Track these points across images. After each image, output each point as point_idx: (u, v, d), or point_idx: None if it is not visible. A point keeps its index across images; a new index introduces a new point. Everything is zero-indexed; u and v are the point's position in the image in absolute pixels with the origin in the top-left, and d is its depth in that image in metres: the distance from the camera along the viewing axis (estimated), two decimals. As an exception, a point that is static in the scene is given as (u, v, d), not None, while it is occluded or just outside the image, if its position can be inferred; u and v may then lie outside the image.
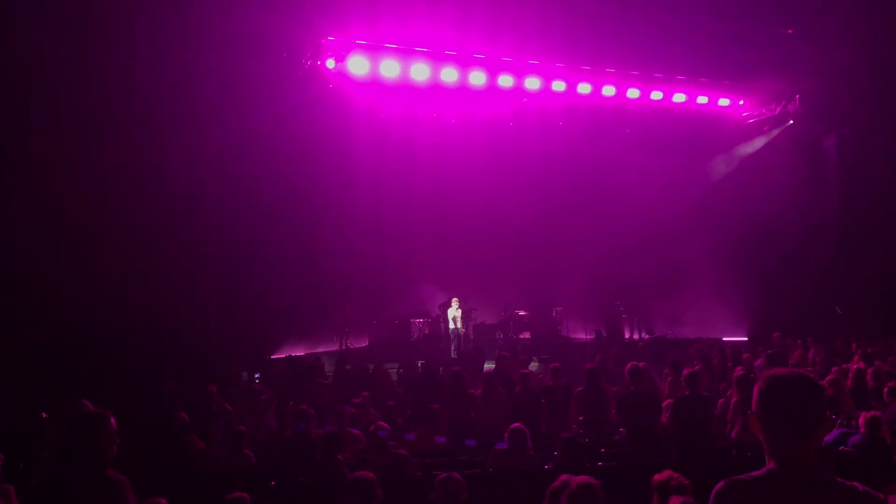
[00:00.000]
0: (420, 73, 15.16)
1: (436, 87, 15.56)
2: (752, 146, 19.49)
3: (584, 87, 16.64)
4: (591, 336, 18.51)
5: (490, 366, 11.82)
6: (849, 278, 17.14)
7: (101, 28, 11.94)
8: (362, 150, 16.84)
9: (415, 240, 18.51)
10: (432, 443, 7.58)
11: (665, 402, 7.94)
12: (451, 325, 17.14)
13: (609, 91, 16.86)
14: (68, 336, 11.56)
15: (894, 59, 15.24)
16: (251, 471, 6.57)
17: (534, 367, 14.09)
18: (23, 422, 7.14)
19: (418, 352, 15.26)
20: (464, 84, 15.65)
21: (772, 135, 18.95)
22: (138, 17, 12.04)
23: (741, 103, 18.85)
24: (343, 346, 17.27)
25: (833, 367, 9.46)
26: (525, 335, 18.84)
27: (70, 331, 11.70)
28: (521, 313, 19.15)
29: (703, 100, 18.07)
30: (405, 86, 15.44)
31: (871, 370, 8.86)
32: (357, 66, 14.83)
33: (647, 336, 18.30)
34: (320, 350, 16.90)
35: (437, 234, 18.62)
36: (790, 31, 15.14)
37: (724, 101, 18.48)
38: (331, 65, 14.54)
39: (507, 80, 15.96)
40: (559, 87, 16.42)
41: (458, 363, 12.68)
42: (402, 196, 18.24)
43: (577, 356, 13.98)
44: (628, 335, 19.15)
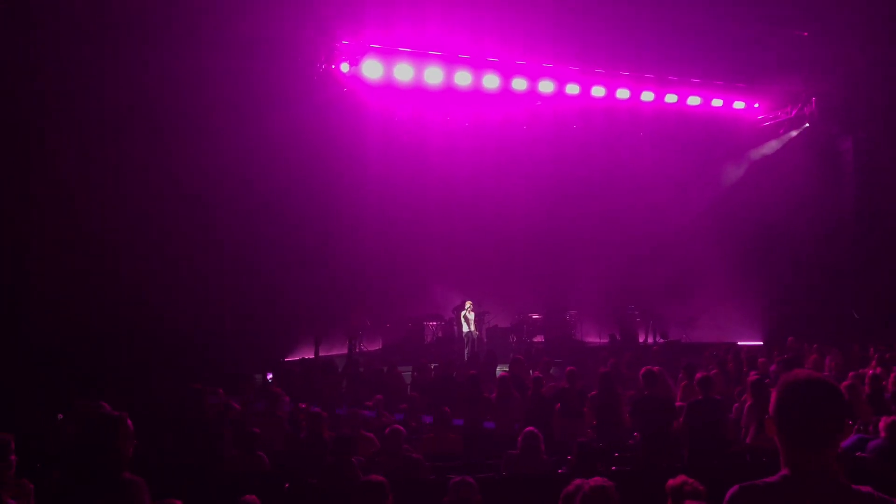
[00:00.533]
0: (434, 76, 15.18)
1: (449, 90, 15.58)
2: (768, 149, 19.37)
3: (598, 91, 16.61)
4: (604, 340, 18.43)
5: (503, 369, 11.81)
6: (866, 282, 16.99)
7: (119, 31, 12.06)
8: (376, 153, 16.88)
9: (428, 243, 18.51)
10: (447, 443, 7.56)
11: (681, 407, 7.91)
12: (464, 329, 17.13)
13: (623, 94, 16.81)
14: (83, 337, 11.66)
15: (911, 61, 15.13)
16: (264, 472, 6.59)
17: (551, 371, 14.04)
18: (39, 422, 7.21)
19: (431, 355, 15.25)
20: (477, 87, 15.66)
21: (787, 137, 18.83)
22: (155, 20, 12.15)
23: (756, 106, 18.73)
24: (356, 350, 17.29)
25: (850, 373, 9.37)
26: (539, 338, 18.80)
27: (85, 332, 11.80)
28: (535, 317, 19.10)
29: (717, 102, 17.98)
30: (419, 89, 15.47)
31: (893, 375, 8.79)
32: (371, 69, 14.88)
33: (662, 340, 18.21)
34: (334, 353, 16.93)
35: (450, 236, 18.62)
36: (805, 33, 15.05)
37: (739, 104, 18.38)
38: (345, 68, 14.61)
39: (520, 84, 15.95)
40: (573, 90, 16.40)
41: (470, 367, 12.67)
42: (416, 199, 18.26)
43: (591, 360, 13.92)
44: (642, 339, 19.05)
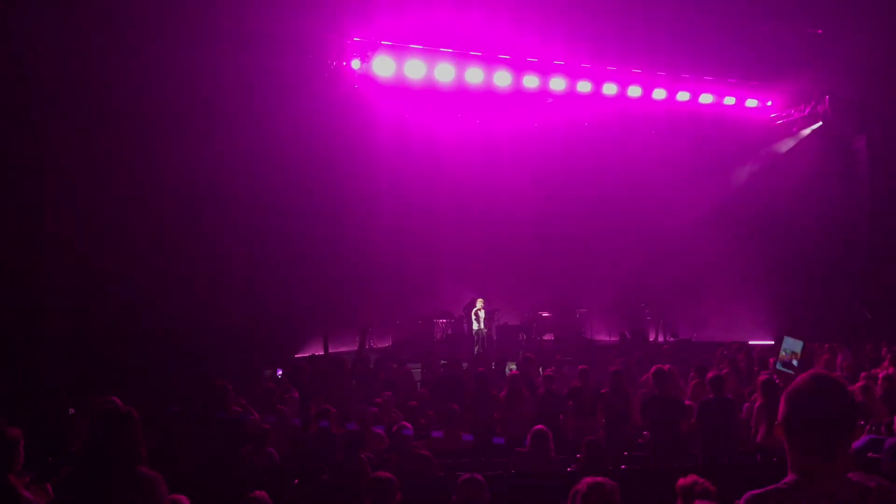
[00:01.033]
0: (445, 73, 15.17)
1: (461, 87, 15.57)
2: (781, 147, 19.24)
3: (610, 88, 16.55)
4: (615, 338, 18.38)
5: (512, 367, 11.81)
6: (878, 281, 16.87)
7: (128, 27, 12.10)
8: (387, 150, 16.88)
9: (438, 240, 18.50)
10: (457, 442, 7.58)
11: (691, 406, 7.89)
12: (474, 326, 17.12)
13: (635, 92, 16.75)
14: (95, 333, 11.73)
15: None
16: (274, 468, 6.62)
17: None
18: (52, 417, 7.26)
19: (441, 352, 15.25)
20: (489, 84, 15.64)
21: (801, 136, 18.70)
22: (163, 16, 12.18)
23: (769, 104, 18.62)
24: (366, 347, 17.31)
25: (862, 373, 9.32)
26: (549, 337, 18.78)
27: (97, 328, 11.88)
28: (545, 315, 19.08)
29: (730, 100, 17.88)
30: (430, 86, 15.47)
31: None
32: (382, 66, 14.88)
33: (672, 339, 18.15)
34: (343, 349, 16.97)
35: (460, 234, 18.60)
36: (819, 31, 14.95)
37: (751, 102, 18.27)
38: (356, 65, 14.62)
39: (532, 81, 15.92)
40: (584, 87, 16.36)
41: (479, 364, 12.66)
42: (427, 196, 18.25)
43: (601, 358, 13.90)
44: (653, 338, 19.00)
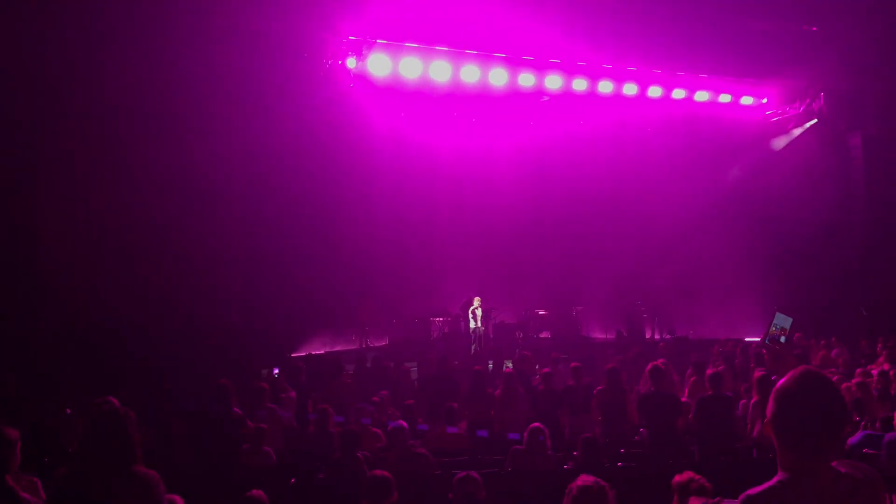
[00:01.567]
0: (441, 71, 15.17)
1: (456, 85, 15.57)
2: (776, 145, 19.28)
3: (606, 86, 16.58)
4: (611, 336, 18.41)
5: (509, 365, 11.82)
6: (874, 278, 16.91)
7: (122, 26, 12.07)
8: (383, 149, 16.87)
9: (435, 239, 18.51)
10: (446, 437, 7.57)
11: (688, 403, 7.91)
12: (471, 325, 17.14)
13: (631, 89, 16.77)
14: (92, 332, 11.71)
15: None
16: (271, 467, 6.62)
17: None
18: (49, 416, 7.25)
19: (438, 351, 15.26)
20: (484, 82, 15.65)
21: (796, 133, 18.73)
22: (159, 16, 12.16)
23: (764, 101, 18.66)
24: (363, 345, 17.34)
25: (857, 369, 9.35)
26: (545, 334, 18.79)
27: (94, 327, 11.86)
28: (542, 313, 19.09)
29: (726, 98, 17.92)
30: (426, 84, 15.47)
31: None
32: (377, 65, 14.88)
33: (669, 336, 18.17)
34: (339, 348, 16.98)
35: (457, 233, 18.60)
36: (814, 28, 14.98)
37: (747, 100, 18.32)
38: (351, 64, 14.61)
39: (527, 79, 15.94)
40: (580, 85, 16.38)
41: (475, 362, 12.68)
42: (423, 195, 18.25)
43: (598, 356, 13.92)
44: (649, 335, 19.02)
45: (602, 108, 17.50)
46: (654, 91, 16.95)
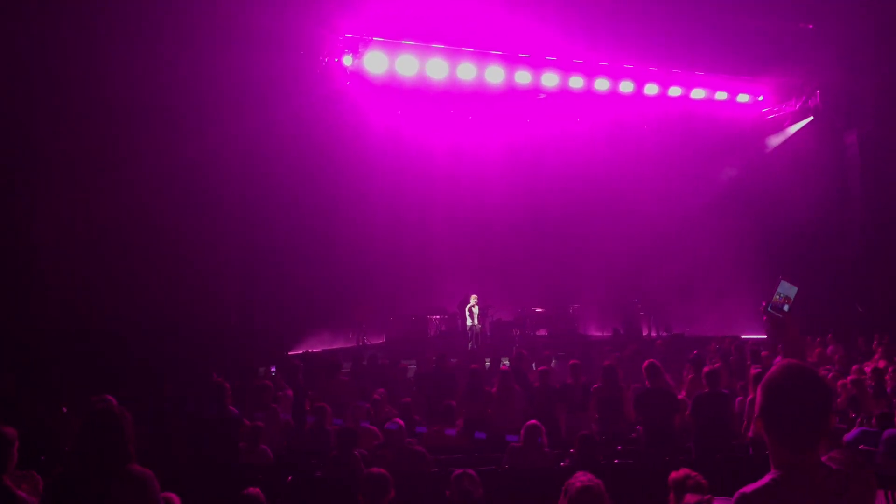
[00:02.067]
0: (437, 69, 15.16)
1: (453, 83, 15.57)
2: (772, 142, 19.30)
3: (602, 83, 16.58)
4: (608, 333, 18.43)
5: (506, 363, 11.81)
6: (870, 276, 16.94)
7: (118, 25, 12.05)
8: (380, 147, 16.88)
9: (432, 237, 18.50)
10: (444, 438, 7.58)
11: (685, 400, 7.92)
12: (468, 322, 17.14)
13: (627, 87, 16.78)
14: (89, 331, 11.70)
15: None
16: (268, 465, 6.62)
17: (552, 364, 14.05)
18: (46, 415, 7.24)
19: (435, 349, 15.26)
20: (481, 80, 15.64)
21: (792, 131, 18.75)
22: (155, 15, 12.13)
23: (761, 99, 18.68)
24: (360, 343, 17.35)
25: (853, 366, 9.38)
26: (542, 332, 18.80)
27: (91, 326, 11.84)
28: (539, 310, 19.10)
29: (722, 96, 17.94)
30: (423, 82, 15.46)
31: (892, 369, 8.79)
32: (374, 63, 14.87)
33: (665, 334, 18.19)
34: (336, 346, 16.98)
35: (454, 231, 18.61)
36: (810, 25, 14.99)
37: (743, 97, 18.34)
38: (348, 62, 14.60)
39: (524, 77, 15.93)
40: (577, 83, 16.38)
41: (472, 360, 12.68)
42: (420, 192, 18.26)
43: (594, 353, 13.93)
44: (646, 333, 19.05)
45: (598, 106, 17.51)
46: (651, 89, 16.96)
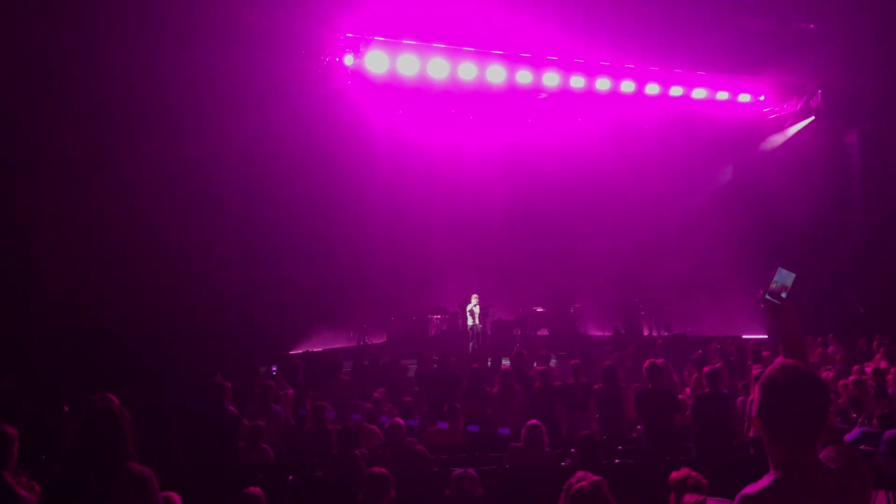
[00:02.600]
0: (438, 69, 15.14)
1: (454, 83, 15.55)
2: (773, 142, 19.28)
3: (603, 83, 16.55)
4: (609, 333, 18.43)
5: (507, 363, 11.81)
6: (871, 276, 16.93)
7: (120, 26, 12.04)
8: (381, 146, 16.88)
9: (433, 236, 18.50)
10: (454, 438, 7.57)
11: (685, 400, 7.92)
12: (469, 322, 17.14)
13: (628, 87, 16.75)
14: (89, 331, 11.70)
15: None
16: (268, 464, 6.62)
17: (552, 363, 14.04)
18: (47, 415, 7.24)
19: (436, 348, 15.26)
20: (482, 80, 15.62)
21: (793, 130, 18.73)
22: (154, 14, 12.12)
23: (762, 98, 18.66)
24: (361, 343, 17.35)
25: (854, 366, 9.37)
26: (543, 332, 18.80)
27: (90, 325, 11.84)
28: (539, 310, 19.09)
29: (723, 95, 17.91)
30: (423, 82, 15.44)
31: (894, 369, 8.78)
32: (375, 62, 14.85)
33: (666, 333, 18.18)
34: (337, 346, 16.98)
35: (455, 230, 18.60)
36: (812, 25, 14.98)
37: (744, 97, 18.31)
38: (349, 61, 14.59)
39: (525, 76, 15.90)
40: (578, 82, 16.35)
41: (474, 360, 12.68)
42: (421, 192, 18.25)
43: (595, 353, 13.93)
44: (647, 332, 19.04)
45: (599, 105, 17.49)
46: (652, 88, 16.94)
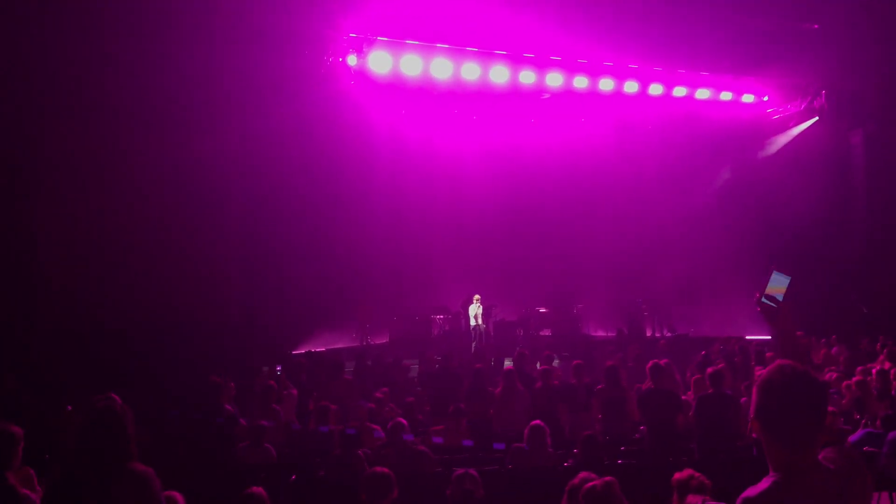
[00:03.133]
0: (442, 69, 15.13)
1: (457, 83, 15.53)
2: (777, 143, 19.25)
3: (607, 83, 16.51)
4: (612, 333, 18.40)
5: (509, 363, 11.80)
6: (875, 277, 16.88)
7: (123, 26, 12.05)
8: (384, 146, 16.89)
9: (436, 236, 18.52)
10: (457, 441, 7.56)
11: (688, 401, 7.90)
12: (472, 322, 17.13)
13: (632, 87, 16.72)
14: (92, 330, 11.71)
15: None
16: (271, 465, 6.62)
17: (555, 364, 14.02)
18: (49, 415, 7.25)
19: (438, 348, 15.24)
20: (485, 80, 15.61)
21: (797, 131, 18.70)
22: (159, 15, 12.14)
23: (765, 99, 18.62)
24: (363, 343, 17.36)
25: (858, 367, 9.34)
26: (546, 332, 18.79)
27: (94, 325, 11.86)
28: (542, 310, 19.08)
29: (727, 96, 17.87)
30: (427, 82, 15.44)
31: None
32: (379, 62, 14.84)
33: (669, 334, 18.16)
34: (340, 346, 16.99)
35: (457, 230, 18.62)
36: (816, 26, 14.95)
37: (748, 98, 18.27)
38: (352, 61, 14.59)
39: (528, 77, 15.88)
40: (581, 83, 16.31)
41: (477, 361, 12.66)
42: (424, 192, 18.27)
43: (598, 354, 13.90)
44: (650, 333, 19.01)
45: (603, 106, 17.46)
46: (655, 89, 16.90)
